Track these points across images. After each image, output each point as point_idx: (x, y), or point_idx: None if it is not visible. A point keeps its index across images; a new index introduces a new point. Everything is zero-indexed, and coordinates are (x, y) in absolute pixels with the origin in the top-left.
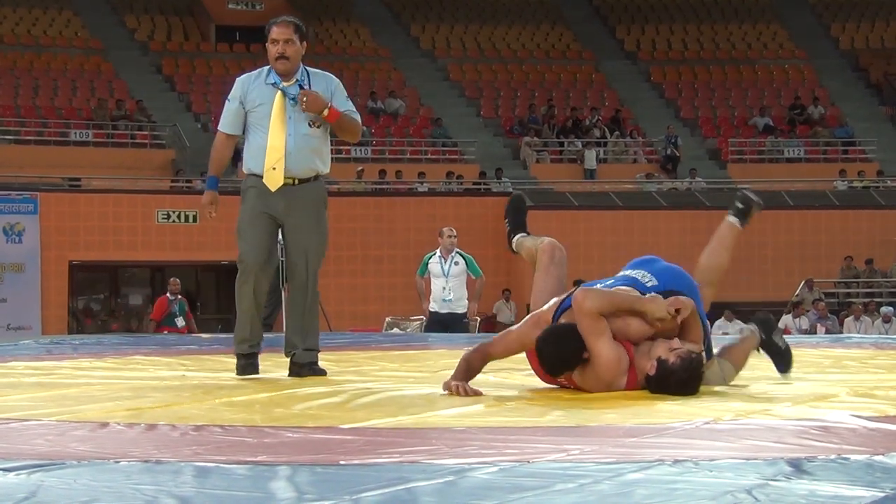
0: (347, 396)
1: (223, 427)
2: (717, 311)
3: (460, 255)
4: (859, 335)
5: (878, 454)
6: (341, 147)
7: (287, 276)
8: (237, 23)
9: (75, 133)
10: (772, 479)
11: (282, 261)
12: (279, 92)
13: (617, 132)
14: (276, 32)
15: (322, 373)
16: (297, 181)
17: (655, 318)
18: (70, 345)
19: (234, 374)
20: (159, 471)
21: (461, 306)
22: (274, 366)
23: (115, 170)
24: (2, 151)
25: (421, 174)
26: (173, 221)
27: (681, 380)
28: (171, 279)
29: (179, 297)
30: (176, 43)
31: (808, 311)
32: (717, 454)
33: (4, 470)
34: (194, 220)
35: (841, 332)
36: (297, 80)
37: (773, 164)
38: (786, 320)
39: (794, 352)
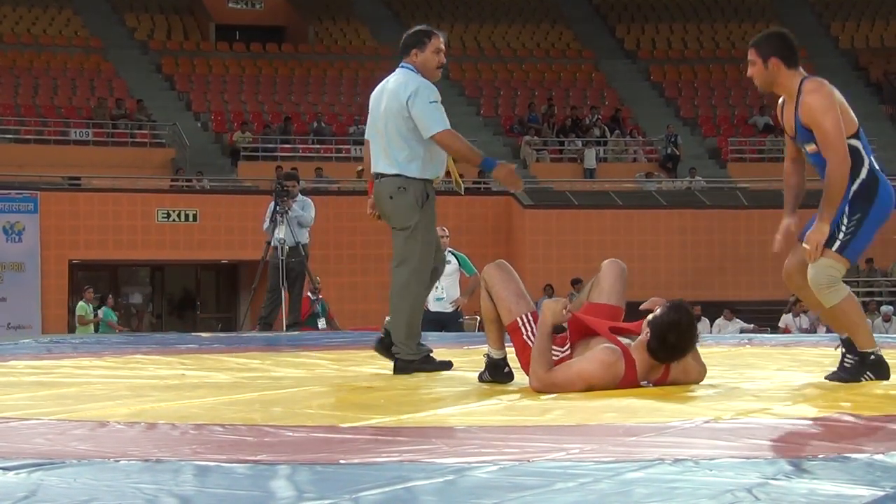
0: (347, 395)
1: (223, 426)
2: (716, 310)
3: (453, 253)
4: None
5: (878, 453)
6: (341, 146)
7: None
8: (237, 22)
9: (75, 132)
10: (772, 478)
11: (281, 260)
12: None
13: (617, 131)
14: (440, 43)
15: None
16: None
17: (555, 322)
18: (70, 344)
19: (233, 373)
20: (159, 470)
21: (454, 305)
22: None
23: (115, 169)
24: (2, 150)
25: None
26: (173, 220)
27: (674, 321)
28: (314, 277)
29: (320, 296)
30: (176, 42)
31: (807, 310)
32: (718, 453)
33: (4, 469)
34: (194, 219)
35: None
36: None
37: (773, 163)
38: (786, 319)
39: (794, 350)
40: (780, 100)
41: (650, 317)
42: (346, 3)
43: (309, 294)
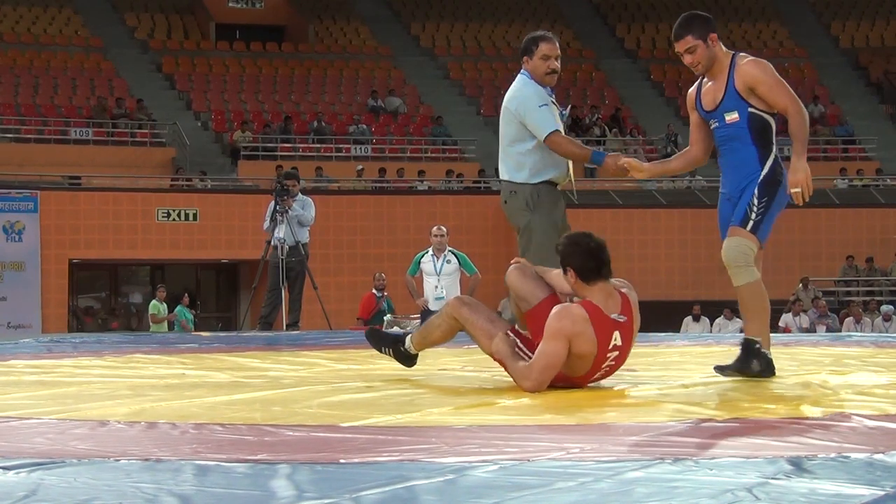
0: (347, 395)
1: (223, 425)
2: (716, 309)
3: (453, 253)
4: (859, 334)
5: (878, 453)
6: (341, 146)
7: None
8: (237, 21)
9: (75, 131)
10: (772, 478)
11: (281, 259)
12: (553, 104)
13: (616, 130)
14: (548, 49)
15: None
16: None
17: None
18: (70, 343)
19: (233, 372)
20: (159, 469)
21: None
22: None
23: (116, 168)
24: (2, 150)
25: (421, 172)
26: (173, 220)
27: (577, 237)
28: (377, 273)
29: (385, 293)
30: (176, 41)
31: (807, 309)
32: (717, 452)
33: (4, 468)
34: (194, 218)
35: (841, 332)
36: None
37: None
38: (786, 319)
39: (794, 350)
40: (696, 84)
41: (559, 269)
42: (347, 2)
43: (374, 291)
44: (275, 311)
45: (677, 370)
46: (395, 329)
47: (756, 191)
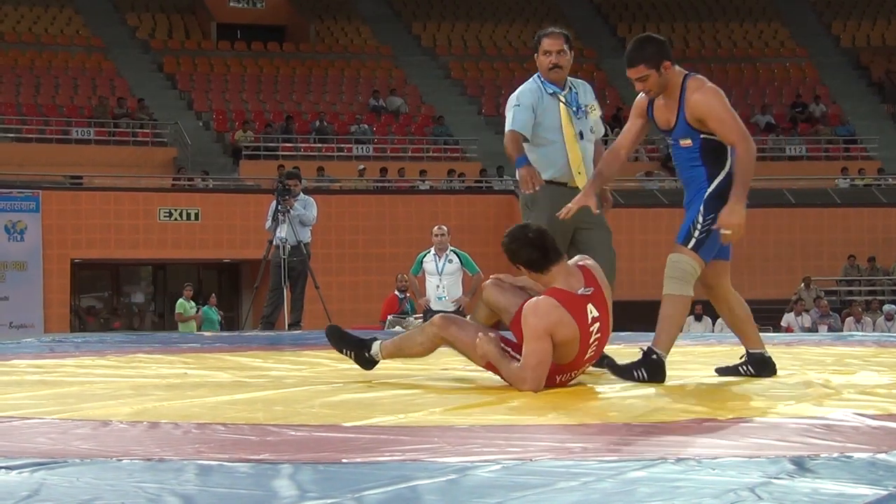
0: (350, 394)
1: (226, 425)
2: None
3: (455, 252)
4: (861, 334)
5: (881, 452)
6: (343, 145)
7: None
8: (238, 21)
9: (77, 131)
10: (775, 478)
11: (283, 259)
12: (561, 102)
13: (618, 130)
14: (547, 44)
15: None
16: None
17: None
18: (72, 343)
19: (236, 372)
20: (162, 469)
21: (456, 303)
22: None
23: (117, 168)
24: (3, 149)
25: (422, 172)
26: (175, 219)
27: (517, 230)
28: (399, 275)
29: (408, 294)
30: (177, 41)
31: (809, 309)
32: (720, 452)
33: (7, 468)
34: (196, 217)
35: (843, 331)
36: (570, 89)
37: (775, 162)
38: (788, 318)
39: (796, 349)
40: (642, 96)
41: (511, 274)
42: (348, 2)
43: (396, 293)
44: (277, 311)
45: (679, 370)
46: (397, 328)
47: (702, 207)
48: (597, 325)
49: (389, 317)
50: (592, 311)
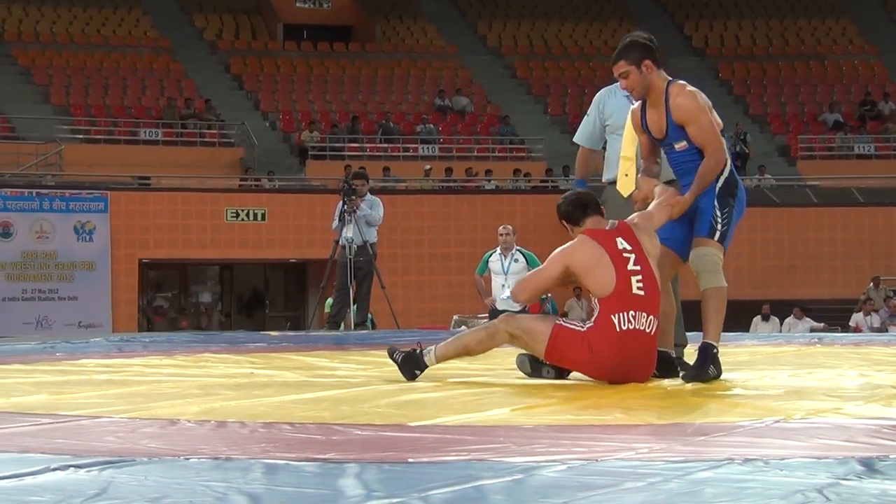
0: (416, 394)
1: (292, 424)
2: (786, 308)
3: (521, 252)
4: None
5: None
6: (409, 145)
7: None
8: (304, 21)
9: (145, 132)
10: (843, 479)
11: (350, 259)
12: (632, 104)
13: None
14: (614, 72)
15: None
16: None
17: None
18: (140, 342)
19: (302, 371)
20: (229, 468)
21: (521, 303)
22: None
23: (185, 168)
24: (73, 150)
25: (488, 172)
26: (242, 220)
27: (562, 201)
28: None
29: (549, 295)
30: (244, 42)
31: (878, 309)
32: (788, 453)
33: (76, 466)
34: (263, 218)
35: None
36: None
37: (844, 161)
38: (856, 318)
39: (865, 350)
40: (637, 105)
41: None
42: (413, 1)
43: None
44: (343, 311)
45: (747, 370)
46: (463, 328)
47: (716, 202)
48: (632, 256)
49: (455, 316)
50: (622, 243)
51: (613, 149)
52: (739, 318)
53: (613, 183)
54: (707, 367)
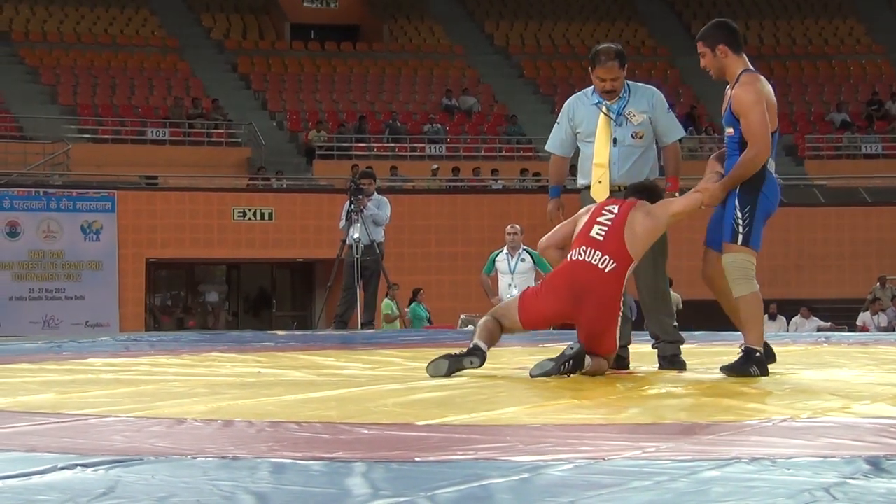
0: (422, 393)
1: (299, 423)
2: (793, 308)
3: (528, 252)
4: None
5: None
6: (416, 145)
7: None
8: (312, 21)
9: (152, 131)
10: (850, 478)
11: (357, 258)
12: (601, 111)
13: (692, 128)
14: (602, 73)
15: (681, 365)
16: (622, 188)
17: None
18: (147, 342)
19: (308, 371)
20: (236, 467)
21: None
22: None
23: (192, 168)
24: (80, 150)
25: (495, 171)
26: (249, 219)
27: None
28: None
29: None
30: (251, 41)
31: (885, 308)
32: (795, 452)
33: (83, 465)
34: (270, 217)
35: None
36: (619, 97)
37: (851, 161)
38: (863, 317)
39: (872, 349)
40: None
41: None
42: (421, 1)
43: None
44: (350, 310)
45: None
46: (470, 327)
47: (737, 202)
48: (610, 216)
49: (462, 316)
50: (613, 209)
51: (585, 155)
52: None
53: (587, 188)
54: (749, 366)
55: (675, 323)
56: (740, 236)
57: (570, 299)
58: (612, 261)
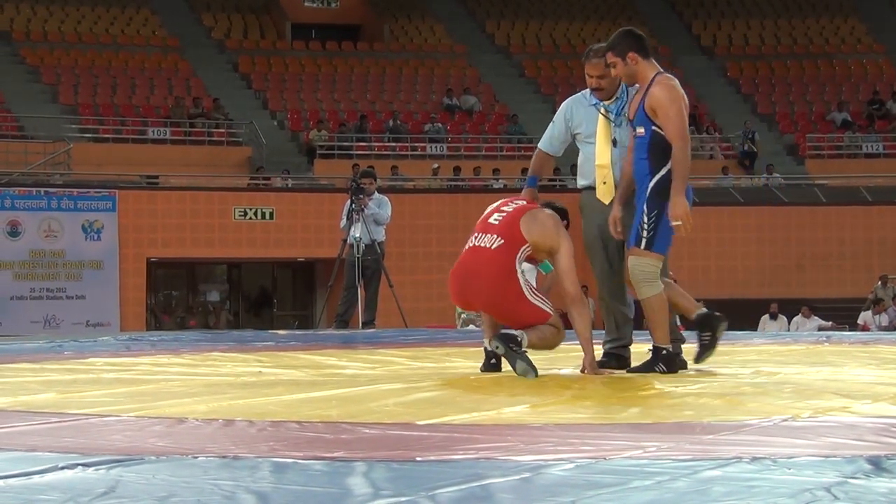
0: (423, 393)
1: (300, 423)
2: (794, 307)
3: None
4: None
5: None
6: (417, 144)
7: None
8: (313, 20)
9: (153, 131)
10: (851, 477)
11: (357, 258)
12: (600, 112)
13: (693, 128)
14: (588, 69)
15: (682, 365)
16: None
17: None
18: (148, 341)
19: (310, 370)
20: (237, 466)
21: None
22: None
23: (193, 167)
24: (80, 149)
25: (496, 171)
26: (250, 218)
27: None
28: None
29: None
30: (252, 41)
31: (886, 307)
32: (796, 451)
33: (84, 465)
34: (271, 217)
35: None
36: (617, 98)
37: (852, 160)
38: (864, 317)
39: (873, 348)
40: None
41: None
42: (422, 1)
43: None
44: (351, 310)
45: (755, 369)
46: (471, 327)
47: (645, 206)
48: (507, 210)
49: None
50: (512, 204)
51: (585, 157)
52: (747, 316)
53: (589, 189)
54: (656, 364)
55: (678, 322)
56: (644, 241)
57: (457, 284)
58: (499, 238)
